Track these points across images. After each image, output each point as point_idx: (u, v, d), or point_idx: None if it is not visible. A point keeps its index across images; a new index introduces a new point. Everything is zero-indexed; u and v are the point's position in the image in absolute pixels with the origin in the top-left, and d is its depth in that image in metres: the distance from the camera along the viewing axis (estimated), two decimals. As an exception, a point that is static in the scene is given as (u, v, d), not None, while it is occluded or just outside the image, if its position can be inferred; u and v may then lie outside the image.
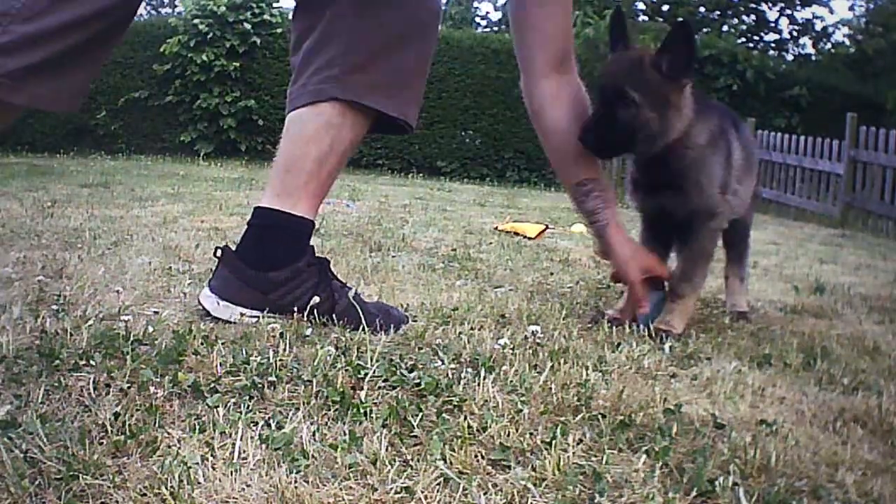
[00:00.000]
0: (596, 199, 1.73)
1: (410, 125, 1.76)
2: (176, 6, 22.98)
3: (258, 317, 1.67)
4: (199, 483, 0.92)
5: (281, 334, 1.52)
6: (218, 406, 1.14)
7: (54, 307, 1.63)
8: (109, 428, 1.04)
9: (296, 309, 1.67)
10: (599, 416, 1.20)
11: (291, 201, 1.70)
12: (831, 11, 32.19)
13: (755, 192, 2.27)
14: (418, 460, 1.02)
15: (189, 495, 0.89)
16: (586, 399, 1.26)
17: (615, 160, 8.61)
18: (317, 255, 1.76)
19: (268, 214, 1.72)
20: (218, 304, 1.68)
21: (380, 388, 1.28)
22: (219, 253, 1.72)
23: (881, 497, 1.02)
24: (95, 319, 1.57)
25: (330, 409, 1.18)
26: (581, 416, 1.21)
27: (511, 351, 1.52)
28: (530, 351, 1.55)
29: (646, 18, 12.53)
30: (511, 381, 1.34)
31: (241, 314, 1.67)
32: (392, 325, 1.68)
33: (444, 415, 1.17)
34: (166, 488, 0.89)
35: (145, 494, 0.88)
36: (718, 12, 17.13)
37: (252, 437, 1.04)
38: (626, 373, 1.48)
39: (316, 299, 1.68)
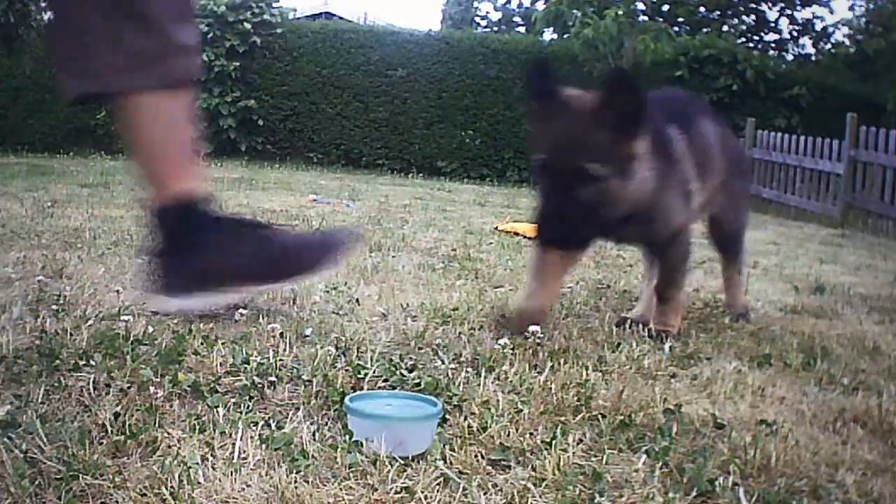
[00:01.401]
0: None
1: (177, 78, 1.66)
2: (176, 6, 22.94)
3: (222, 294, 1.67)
4: (199, 483, 0.92)
5: (281, 334, 1.52)
6: (218, 406, 1.15)
7: (54, 307, 1.63)
8: (109, 428, 1.04)
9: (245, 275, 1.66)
10: (599, 416, 1.20)
11: (166, 190, 1.66)
12: (831, 11, 32.17)
13: (738, 188, 2.21)
14: (418, 460, 1.02)
15: (189, 495, 0.89)
16: (586, 399, 1.26)
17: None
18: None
19: (162, 213, 1.68)
20: (171, 300, 1.66)
21: (380, 387, 1.28)
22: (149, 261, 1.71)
23: (881, 497, 1.02)
24: (95, 319, 1.57)
25: (330, 409, 1.18)
26: (581, 416, 1.21)
27: (511, 351, 1.52)
28: (530, 351, 1.55)
29: (646, 18, 12.53)
30: (511, 381, 1.34)
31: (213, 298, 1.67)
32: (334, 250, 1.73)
33: (444, 414, 1.17)
34: (166, 488, 0.89)
35: (145, 494, 0.88)
36: (718, 12, 17.12)
37: (252, 437, 1.04)
38: (626, 373, 1.48)
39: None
